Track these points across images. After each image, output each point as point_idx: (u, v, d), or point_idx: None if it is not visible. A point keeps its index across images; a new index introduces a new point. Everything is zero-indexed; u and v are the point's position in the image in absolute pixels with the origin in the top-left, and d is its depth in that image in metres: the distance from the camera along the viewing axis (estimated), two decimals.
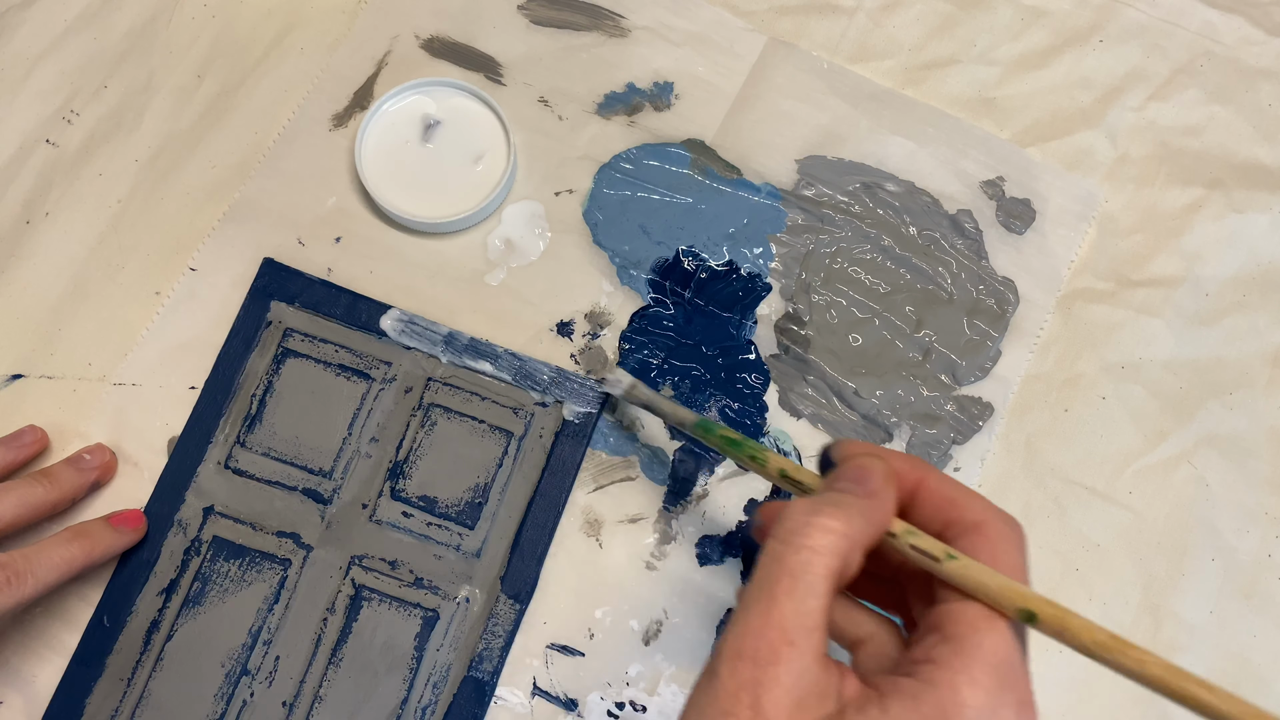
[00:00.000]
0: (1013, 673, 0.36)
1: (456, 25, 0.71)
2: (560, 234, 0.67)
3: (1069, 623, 0.37)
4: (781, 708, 0.35)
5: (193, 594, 0.61)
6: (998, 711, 0.35)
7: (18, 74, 0.69)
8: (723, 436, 0.53)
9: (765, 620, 0.37)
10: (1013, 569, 0.39)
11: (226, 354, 0.64)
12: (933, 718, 0.35)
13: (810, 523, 0.38)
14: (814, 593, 0.37)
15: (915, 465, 0.43)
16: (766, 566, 0.38)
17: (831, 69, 0.70)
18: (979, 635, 0.37)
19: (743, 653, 0.36)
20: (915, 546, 0.40)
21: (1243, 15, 0.71)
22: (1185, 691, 0.34)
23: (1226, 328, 0.66)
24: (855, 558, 0.39)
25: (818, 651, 0.37)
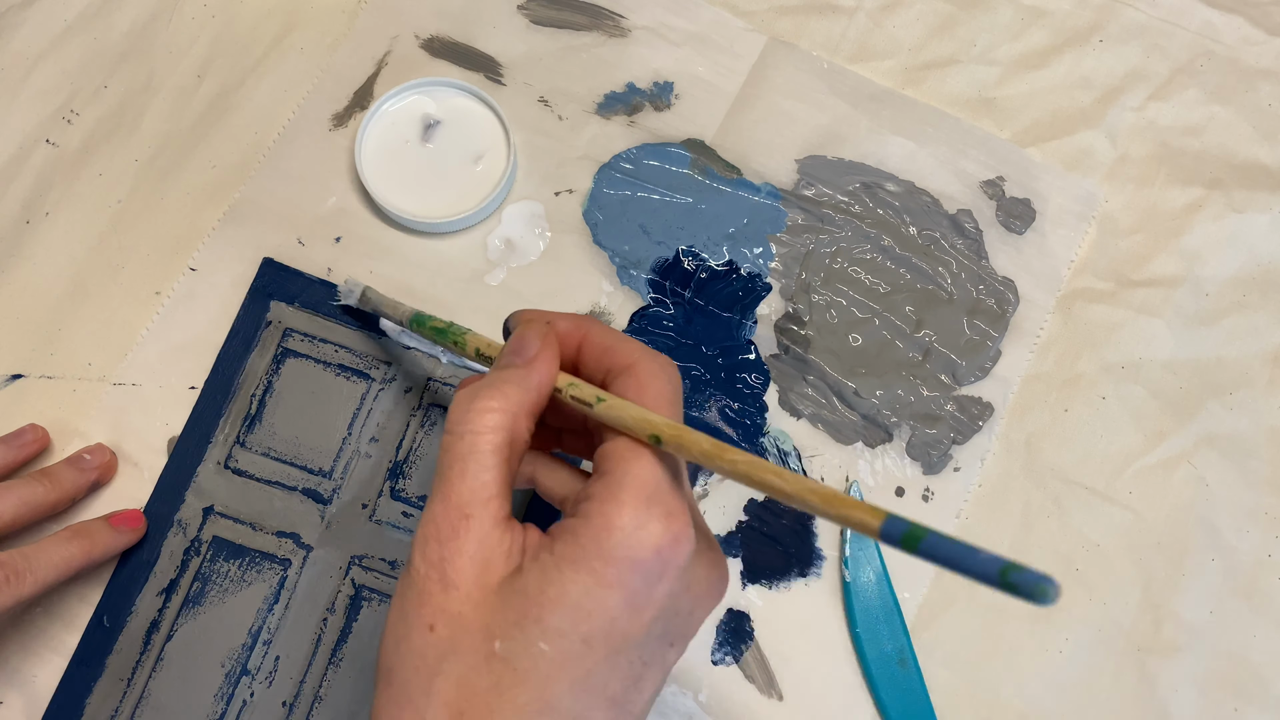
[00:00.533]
0: (658, 490, 0.40)
1: (456, 25, 0.71)
2: (560, 234, 0.67)
3: (684, 438, 0.40)
4: (466, 574, 0.39)
5: (193, 594, 0.61)
6: (645, 525, 0.38)
7: (18, 74, 0.69)
8: (432, 327, 0.55)
9: (445, 505, 0.40)
10: (657, 400, 0.42)
11: (226, 354, 0.65)
12: (589, 546, 0.38)
13: (470, 409, 0.41)
14: (483, 467, 0.40)
15: (579, 323, 0.46)
16: (441, 459, 0.41)
17: (831, 69, 0.70)
18: (625, 464, 0.40)
19: (428, 537, 0.40)
20: (574, 397, 0.43)
21: (1243, 15, 0.71)
22: (763, 480, 0.38)
23: (1226, 328, 0.66)
24: (522, 424, 0.42)
25: (496, 518, 0.40)
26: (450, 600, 0.39)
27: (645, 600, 0.39)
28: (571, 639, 0.38)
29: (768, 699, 0.61)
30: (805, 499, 0.37)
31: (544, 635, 0.38)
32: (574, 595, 0.38)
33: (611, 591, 0.38)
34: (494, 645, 0.38)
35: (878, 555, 0.62)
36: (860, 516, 0.35)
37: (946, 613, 0.62)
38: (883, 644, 0.61)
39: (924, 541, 0.33)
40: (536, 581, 0.39)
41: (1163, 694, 0.61)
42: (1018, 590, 0.31)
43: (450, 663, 0.39)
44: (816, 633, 0.62)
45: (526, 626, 0.38)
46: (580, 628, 0.38)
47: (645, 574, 0.39)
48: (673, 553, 0.39)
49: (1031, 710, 0.61)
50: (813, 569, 0.63)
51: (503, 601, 0.39)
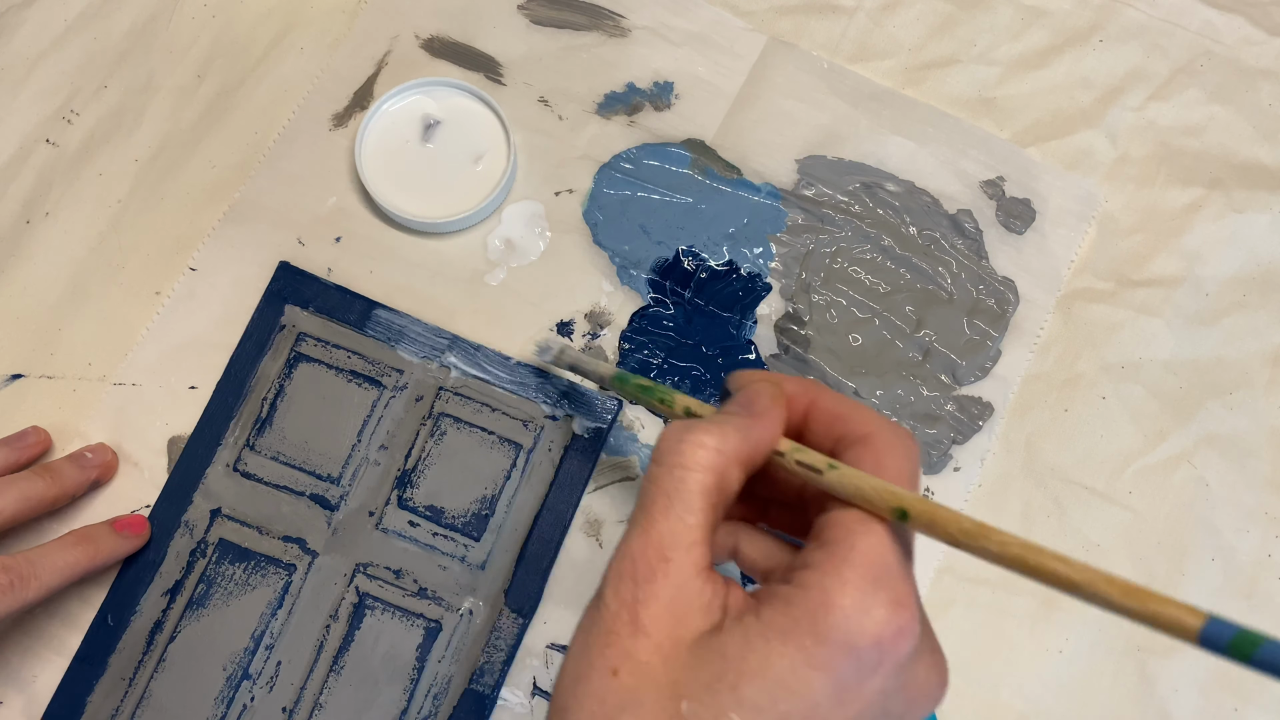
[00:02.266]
0: (887, 573, 0.36)
1: (456, 25, 0.71)
2: (560, 234, 0.67)
3: (937, 515, 0.37)
4: (660, 622, 0.36)
5: (197, 596, 0.61)
6: (870, 611, 0.35)
7: (18, 74, 0.69)
8: (637, 385, 0.53)
9: (644, 541, 0.37)
10: (898, 475, 0.39)
11: (239, 356, 0.65)
12: (803, 620, 0.35)
13: (684, 440, 0.39)
14: (690, 509, 0.38)
15: (808, 388, 0.43)
16: (645, 490, 0.39)
17: (831, 69, 0.70)
18: (853, 538, 0.37)
19: (623, 574, 0.37)
20: (800, 461, 0.40)
21: (1243, 15, 0.71)
22: (1043, 566, 0.35)
23: (1226, 328, 0.66)
24: (733, 474, 0.39)
25: (698, 566, 0.37)
26: (639, 647, 0.36)
27: (855, 693, 0.35)
28: (767, 715, 0.35)
29: None
30: (1100, 590, 0.33)
31: (738, 706, 0.35)
32: (777, 670, 0.35)
33: (819, 675, 0.35)
34: (680, 706, 0.35)
35: None
36: (1174, 615, 0.31)
37: (946, 613, 0.62)
38: None
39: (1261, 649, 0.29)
40: (737, 646, 0.36)
41: (1163, 694, 0.61)
42: None
43: (630, 715, 0.36)
44: None
45: (720, 692, 0.35)
46: (779, 706, 0.35)
47: (860, 663, 0.35)
48: (894, 645, 0.36)
49: (1031, 710, 0.61)
50: None
51: (696, 660, 0.36)
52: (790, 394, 0.43)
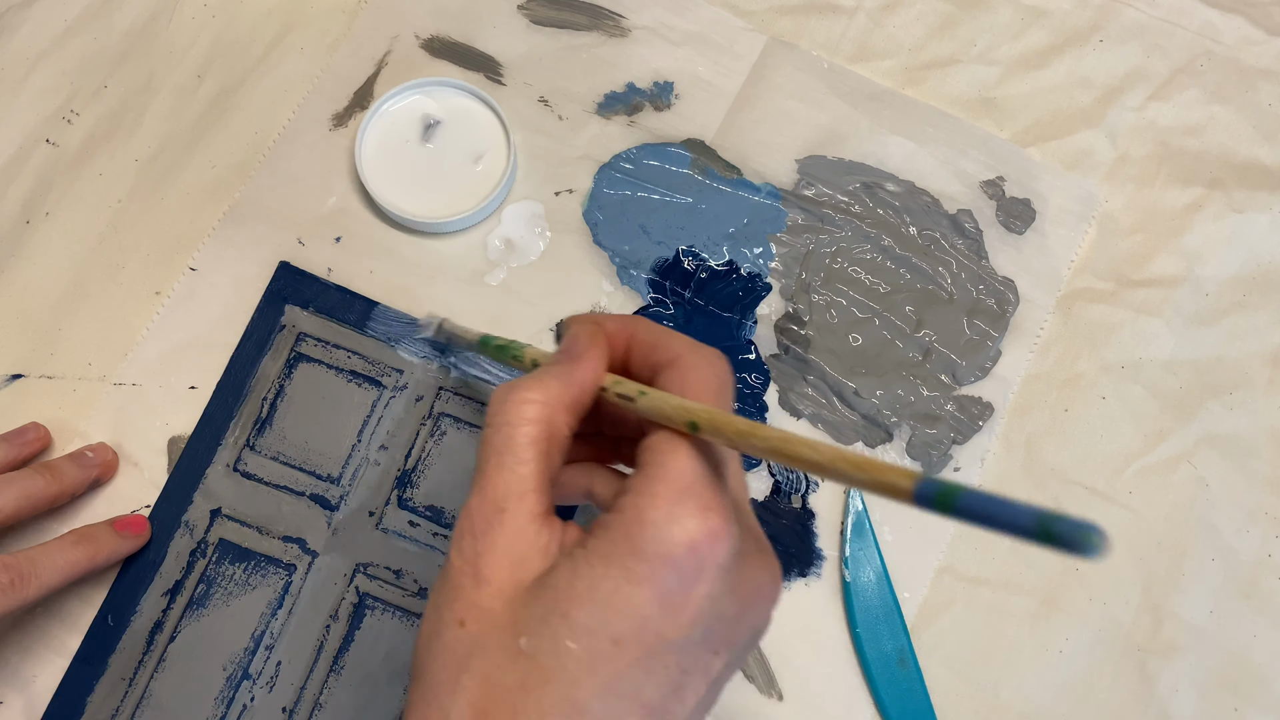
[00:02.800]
0: (695, 483, 0.38)
1: (456, 25, 0.71)
2: (560, 234, 0.67)
3: (718, 420, 0.38)
4: (500, 569, 0.38)
5: (197, 596, 0.61)
6: (679, 520, 0.37)
7: (18, 74, 0.69)
8: (495, 345, 0.54)
9: (480, 498, 0.39)
10: (702, 391, 0.40)
11: (239, 356, 0.65)
12: (620, 540, 0.37)
13: (508, 399, 0.40)
14: (520, 461, 0.39)
15: (626, 323, 0.44)
16: (479, 452, 0.40)
17: (831, 69, 0.70)
18: (660, 456, 0.38)
19: (464, 531, 0.39)
20: (619, 394, 0.42)
21: (1243, 15, 0.71)
22: (797, 454, 0.36)
23: (1226, 328, 0.66)
24: (560, 419, 0.41)
25: (532, 513, 0.39)
26: (482, 595, 0.38)
27: (681, 601, 0.37)
28: (600, 638, 0.36)
29: (768, 699, 0.61)
30: (838, 468, 0.34)
31: (571, 633, 0.36)
32: (603, 592, 0.36)
33: (643, 589, 0.36)
34: (520, 642, 0.37)
35: (878, 555, 0.62)
36: (893, 480, 0.33)
37: (946, 613, 0.62)
38: (883, 644, 0.61)
39: (959, 500, 0.31)
40: (566, 577, 0.37)
41: (1163, 694, 0.61)
42: (1060, 542, 0.28)
43: (478, 659, 0.37)
44: (816, 633, 0.62)
45: (553, 622, 0.36)
46: (610, 626, 0.36)
47: (680, 572, 0.37)
48: (709, 550, 0.37)
49: (1031, 710, 0.61)
50: (813, 569, 0.63)
51: (532, 597, 0.37)
52: (611, 332, 0.44)
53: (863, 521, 0.63)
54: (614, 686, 0.36)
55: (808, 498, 0.64)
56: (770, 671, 0.61)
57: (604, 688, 0.36)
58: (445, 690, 0.37)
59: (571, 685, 0.36)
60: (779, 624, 0.61)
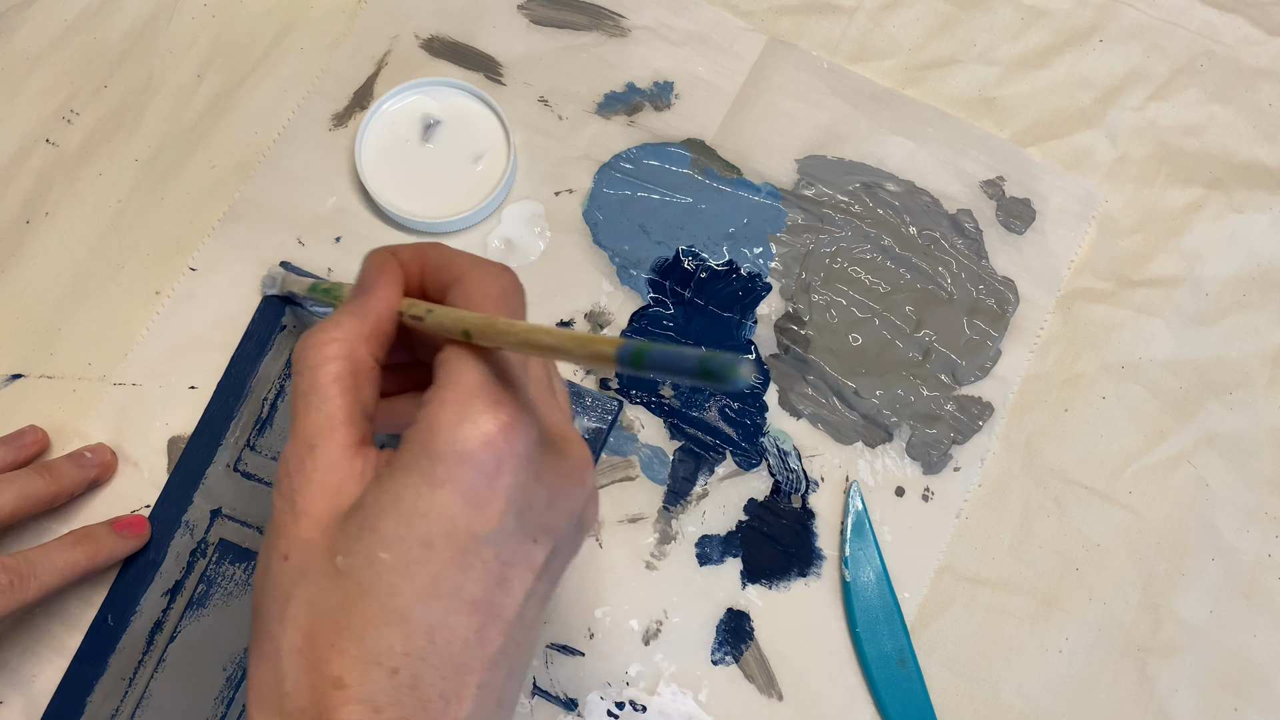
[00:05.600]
0: (483, 384, 0.38)
1: (456, 25, 0.71)
2: (560, 234, 0.67)
3: (485, 326, 0.38)
4: (316, 501, 0.39)
5: (197, 596, 0.61)
6: (469, 418, 0.37)
7: (18, 74, 0.69)
8: (320, 289, 0.56)
9: (294, 441, 0.40)
10: (483, 301, 0.41)
11: (240, 356, 0.65)
12: (417, 448, 0.37)
13: (307, 345, 0.41)
14: (325, 398, 0.40)
15: (419, 250, 0.45)
16: (291, 399, 0.41)
17: (831, 69, 0.70)
18: (447, 366, 0.39)
19: (281, 474, 0.40)
20: (410, 315, 0.42)
21: (1243, 15, 0.71)
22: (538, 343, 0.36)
23: (1226, 328, 0.66)
24: (361, 351, 0.41)
25: (344, 444, 0.40)
26: (301, 528, 0.39)
27: (486, 495, 0.37)
28: (410, 543, 0.37)
29: (768, 699, 0.61)
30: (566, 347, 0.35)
31: (381, 543, 0.37)
32: (405, 499, 0.37)
33: (444, 489, 0.37)
34: (336, 562, 0.38)
35: (878, 555, 0.62)
36: (601, 348, 0.34)
37: (946, 613, 0.62)
38: (883, 644, 0.61)
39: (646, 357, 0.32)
40: (374, 494, 0.38)
41: (1163, 694, 0.61)
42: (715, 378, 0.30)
43: (300, 587, 0.38)
44: (816, 633, 0.62)
45: (363, 537, 0.37)
46: (416, 530, 0.37)
47: (478, 467, 0.37)
48: (506, 441, 0.37)
49: (1031, 710, 0.61)
50: (813, 569, 0.63)
51: (346, 519, 0.38)
52: (405, 260, 0.44)
53: (863, 521, 0.63)
54: (432, 588, 0.37)
55: (808, 498, 0.64)
56: (770, 671, 0.61)
57: (422, 591, 0.37)
58: (275, 622, 0.38)
59: (389, 594, 0.37)
60: (779, 624, 0.61)
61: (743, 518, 0.63)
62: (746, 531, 0.63)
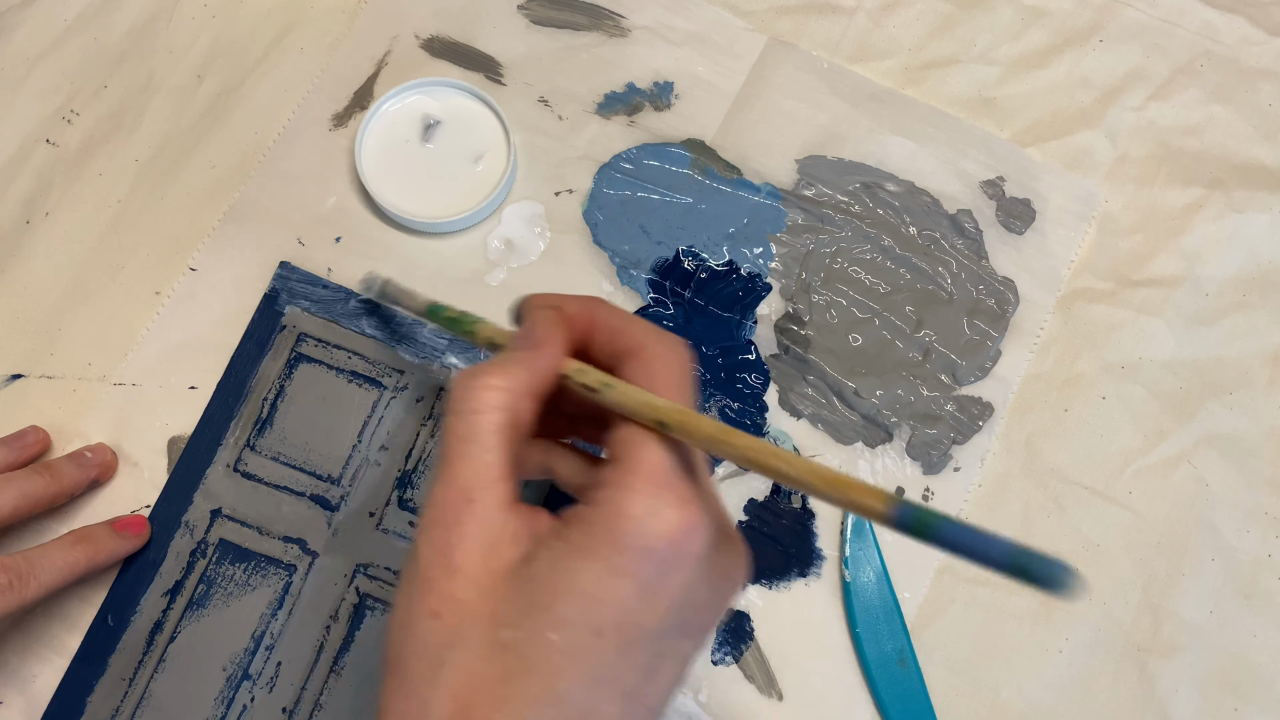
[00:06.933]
0: (671, 477, 0.38)
1: (456, 25, 0.71)
2: (560, 234, 0.67)
3: (689, 423, 0.38)
4: (472, 559, 0.38)
5: (197, 596, 0.61)
6: (658, 513, 0.37)
7: (18, 74, 0.69)
8: (446, 316, 0.55)
9: (448, 487, 0.39)
10: (666, 384, 0.41)
11: (239, 356, 0.65)
12: (600, 533, 0.37)
13: (470, 387, 0.40)
14: (486, 449, 0.40)
15: (587, 305, 0.45)
16: (444, 440, 0.41)
17: (831, 69, 0.70)
18: (635, 450, 0.39)
19: (432, 521, 0.39)
20: (582, 384, 0.42)
21: (1243, 15, 0.71)
22: (769, 466, 0.37)
23: (1226, 328, 0.66)
24: (524, 406, 0.41)
25: (501, 501, 0.39)
26: (455, 586, 0.38)
27: (659, 590, 0.38)
28: (581, 629, 0.37)
29: (768, 699, 0.61)
30: (809, 482, 0.36)
31: (553, 625, 0.37)
32: (585, 584, 0.37)
33: (624, 581, 0.37)
34: (501, 634, 0.37)
35: (878, 555, 0.62)
36: (866, 501, 0.34)
37: (946, 613, 0.62)
38: (883, 644, 0.61)
39: (935, 529, 0.32)
40: (546, 569, 0.38)
41: (1163, 694, 0.61)
42: (1034, 579, 0.29)
43: (457, 651, 0.37)
44: (816, 633, 0.62)
45: (535, 615, 0.37)
46: (591, 617, 0.37)
47: (659, 563, 0.37)
48: (687, 541, 0.38)
49: (1031, 710, 0.61)
50: (813, 569, 0.63)
51: (510, 589, 0.38)
52: (571, 315, 0.44)
53: (863, 522, 0.63)
54: (594, 675, 0.37)
55: (808, 498, 0.64)
56: (770, 671, 0.61)
57: (585, 677, 0.37)
58: (424, 683, 0.37)
59: (554, 676, 0.36)
60: (779, 624, 0.61)
61: (743, 518, 0.63)
62: (747, 532, 0.63)
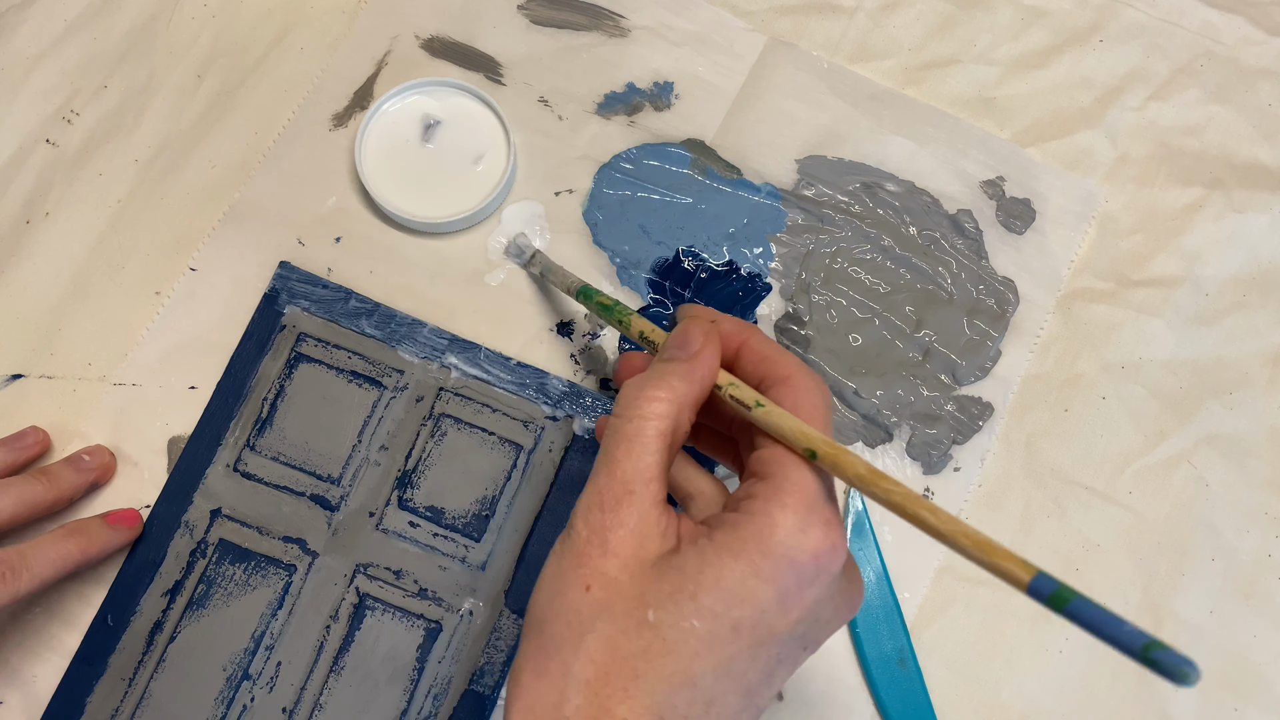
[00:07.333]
0: (818, 499, 0.42)
1: (456, 25, 0.71)
2: (560, 234, 0.67)
3: (840, 459, 0.42)
4: (626, 544, 0.42)
5: (197, 596, 0.61)
6: (807, 531, 0.41)
7: (18, 74, 0.69)
8: (599, 303, 0.57)
9: (610, 477, 0.43)
10: (811, 413, 0.44)
11: (239, 356, 0.65)
12: (750, 539, 0.41)
13: (639, 396, 0.44)
14: (648, 450, 0.43)
15: (741, 327, 0.49)
16: (609, 437, 0.44)
17: (831, 69, 0.70)
18: (787, 470, 0.42)
19: (592, 505, 0.43)
20: (733, 396, 0.46)
21: (1243, 15, 0.71)
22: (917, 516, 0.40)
23: (1226, 328, 0.66)
24: (685, 415, 0.45)
25: (655, 498, 0.43)
26: (609, 565, 0.42)
27: (795, 601, 0.41)
28: (722, 621, 0.40)
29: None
30: (956, 541, 0.39)
31: (697, 612, 0.40)
32: (730, 581, 0.40)
33: (766, 585, 0.40)
34: (647, 613, 0.41)
35: (878, 555, 0.62)
36: (1010, 569, 0.37)
37: (946, 613, 0.62)
38: (883, 644, 0.61)
39: (1070, 604, 0.35)
40: (695, 562, 0.41)
41: (1163, 694, 0.61)
42: (1158, 668, 0.32)
43: (603, 622, 0.41)
44: None
45: (681, 601, 0.40)
46: (731, 612, 0.40)
47: (799, 576, 0.41)
48: (828, 560, 0.41)
49: (1031, 710, 0.61)
50: None
51: (659, 575, 0.41)
52: (726, 332, 0.48)
53: (863, 521, 0.63)
54: (726, 666, 0.41)
55: None
56: None
57: (717, 666, 0.41)
58: (568, 646, 0.41)
59: (691, 659, 0.40)
60: None
61: None
62: None
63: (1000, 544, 0.38)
